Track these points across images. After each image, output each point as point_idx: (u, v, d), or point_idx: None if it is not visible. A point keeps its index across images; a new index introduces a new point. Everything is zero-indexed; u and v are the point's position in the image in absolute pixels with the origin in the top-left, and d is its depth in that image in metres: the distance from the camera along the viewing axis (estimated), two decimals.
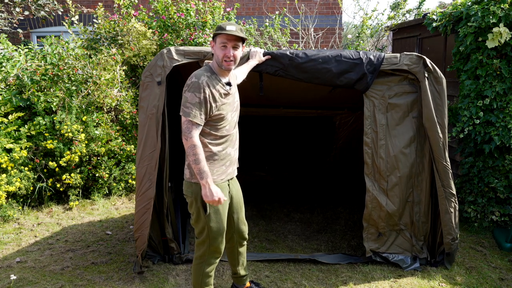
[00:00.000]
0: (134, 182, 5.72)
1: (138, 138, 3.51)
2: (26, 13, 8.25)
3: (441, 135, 3.42)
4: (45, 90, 5.38)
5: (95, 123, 5.47)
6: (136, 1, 6.59)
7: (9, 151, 5.04)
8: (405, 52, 3.46)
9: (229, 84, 2.72)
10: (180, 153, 4.30)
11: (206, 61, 2.92)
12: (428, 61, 3.39)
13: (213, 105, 2.59)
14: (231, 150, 2.80)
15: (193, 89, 2.53)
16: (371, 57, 3.43)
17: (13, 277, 3.42)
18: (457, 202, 3.53)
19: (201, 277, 2.86)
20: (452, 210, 3.50)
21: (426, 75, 3.40)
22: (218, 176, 2.75)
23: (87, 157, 5.39)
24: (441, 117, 3.44)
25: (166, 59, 3.38)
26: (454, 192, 3.51)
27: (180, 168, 4.33)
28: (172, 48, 3.40)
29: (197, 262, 2.86)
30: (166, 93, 3.43)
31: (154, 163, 3.43)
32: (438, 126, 3.40)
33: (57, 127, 5.20)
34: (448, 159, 3.46)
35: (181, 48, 3.42)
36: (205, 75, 2.58)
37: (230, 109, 2.73)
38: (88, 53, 5.89)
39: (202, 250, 2.82)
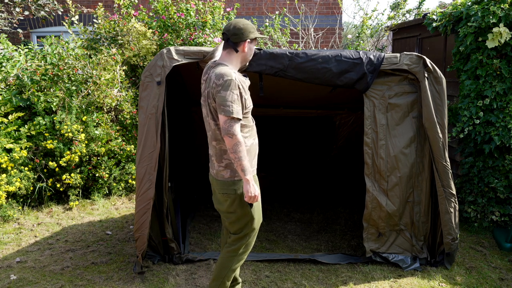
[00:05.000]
0: (134, 182, 5.72)
1: (138, 138, 3.50)
2: (26, 13, 8.25)
3: (441, 135, 3.42)
4: (45, 90, 5.38)
5: (95, 123, 5.47)
6: (136, 1, 6.59)
7: (9, 151, 5.04)
8: (405, 52, 3.46)
9: (245, 76, 2.81)
10: (179, 153, 4.31)
11: (217, 60, 2.83)
12: (428, 61, 3.39)
13: (246, 98, 2.66)
14: (257, 140, 2.87)
15: (229, 87, 2.56)
16: (371, 57, 3.43)
17: (13, 277, 3.42)
18: (457, 202, 3.54)
19: (227, 271, 2.87)
20: (452, 210, 3.50)
21: (426, 75, 3.40)
22: (254, 169, 2.81)
23: (87, 157, 5.39)
24: (441, 117, 3.44)
25: (165, 59, 3.37)
26: (454, 192, 3.51)
27: (179, 169, 4.34)
28: (172, 48, 3.40)
29: (229, 255, 2.86)
30: (166, 93, 3.43)
31: (154, 163, 3.43)
32: (438, 126, 3.40)
33: (57, 127, 5.20)
34: (448, 159, 3.46)
35: (181, 48, 3.41)
36: (234, 72, 2.64)
37: (250, 98, 2.81)
38: (88, 53, 5.89)
39: (238, 244, 2.84)
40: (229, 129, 2.53)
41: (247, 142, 2.72)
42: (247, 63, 2.84)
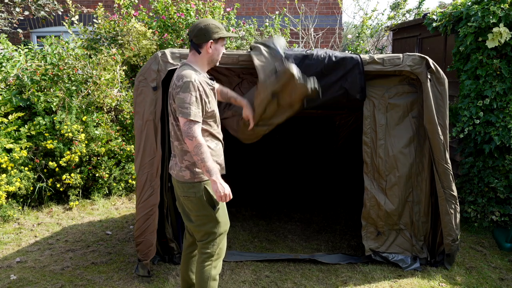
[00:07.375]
0: (134, 182, 5.71)
1: (135, 144, 3.42)
2: (26, 13, 8.25)
3: (442, 137, 3.39)
4: (45, 90, 5.38)
5: (95, 123, 5.47)
6: (136, 1, 6.59)
7: (9, 151, 5.04)
8: (407, 53, 3.43)
9: (212, 79, 2.77)
10: None
11: (184, 61, 2.83)
12: (431, 62, 3.36)
13: (206, 101, 2.61)
14: (221, 145, 2.82)
15: (188, 89, 2.53)
16: (355, 83, 3.40)
17: (13, 277, 3.42)
18: (458, 203, 3.52)
19: (209, 281, 2.75)
20: (452, 211, 3.49)
21: (429, 76, 3.37)
22: (221, 167, 2.77)
23: (87, 157, 5.39)
24: (443, 118, 3.42)
25: (161, 63, 3.28)
26: (455, 193, 3.49)
27: None
28: (167, 51, 3.30)
29: (203, 266, 2.75)
30: (163, 97, 3.38)
31: (155, 169, 3.38)
32: (439, 128, 3.38)
33: (57, 127, 5.20)
34: (449, 161, 3.44)
35: (177, 50, 3.32)
36: (195, 73, 2.59)
37: (215, 103, 2.76)
38: (88, 53, 5.89)
39: (208, 253, 2.74)
40: (189, 131, 2.49)
41: (210, 145, 2.67)
42: (217, 64, 2.78)
